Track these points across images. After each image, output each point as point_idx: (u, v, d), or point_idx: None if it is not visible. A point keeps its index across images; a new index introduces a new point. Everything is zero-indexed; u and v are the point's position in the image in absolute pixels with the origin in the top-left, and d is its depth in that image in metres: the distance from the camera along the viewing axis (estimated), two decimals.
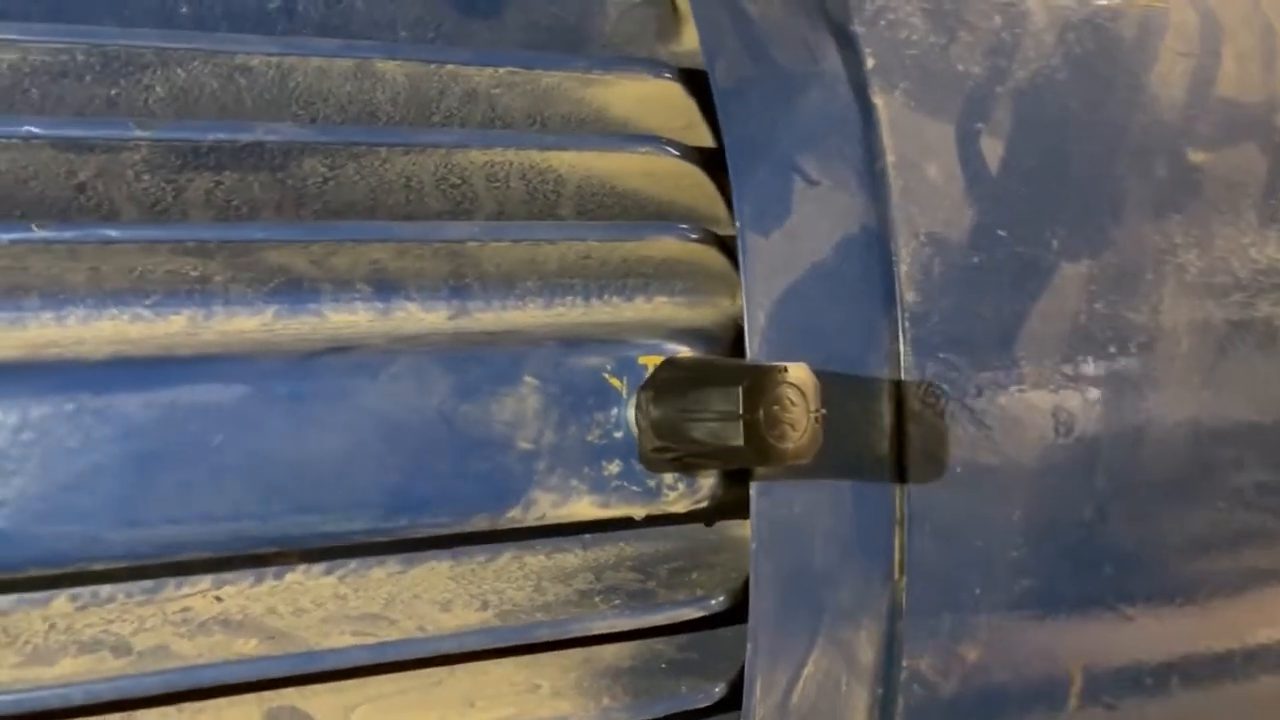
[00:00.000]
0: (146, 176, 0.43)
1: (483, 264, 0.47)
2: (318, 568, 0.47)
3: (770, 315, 0.47)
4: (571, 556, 0.50)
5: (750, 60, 0.50)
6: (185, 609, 0.45)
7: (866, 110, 0.51)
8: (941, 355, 0.50)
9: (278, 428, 0.41)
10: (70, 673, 0.40)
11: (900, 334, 0.50)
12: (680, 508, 0.47)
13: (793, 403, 0.36)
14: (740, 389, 0.36)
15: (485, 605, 0.46)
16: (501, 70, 0.47)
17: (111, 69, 0.43)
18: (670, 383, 0.41)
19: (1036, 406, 0.52)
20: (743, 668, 0.48)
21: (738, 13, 0.52)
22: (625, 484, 0.45)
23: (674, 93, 0.50)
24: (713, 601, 0.48)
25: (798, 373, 0.36)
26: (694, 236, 0.48)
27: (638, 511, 0.46)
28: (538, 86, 0.48)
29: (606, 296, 0.49)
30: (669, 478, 0.46)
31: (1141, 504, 0.54)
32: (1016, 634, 0.53)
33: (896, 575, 0.50)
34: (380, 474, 0.42)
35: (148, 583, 0.45)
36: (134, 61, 0.43)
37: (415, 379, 0.42)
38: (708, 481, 0.47)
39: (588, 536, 0.51)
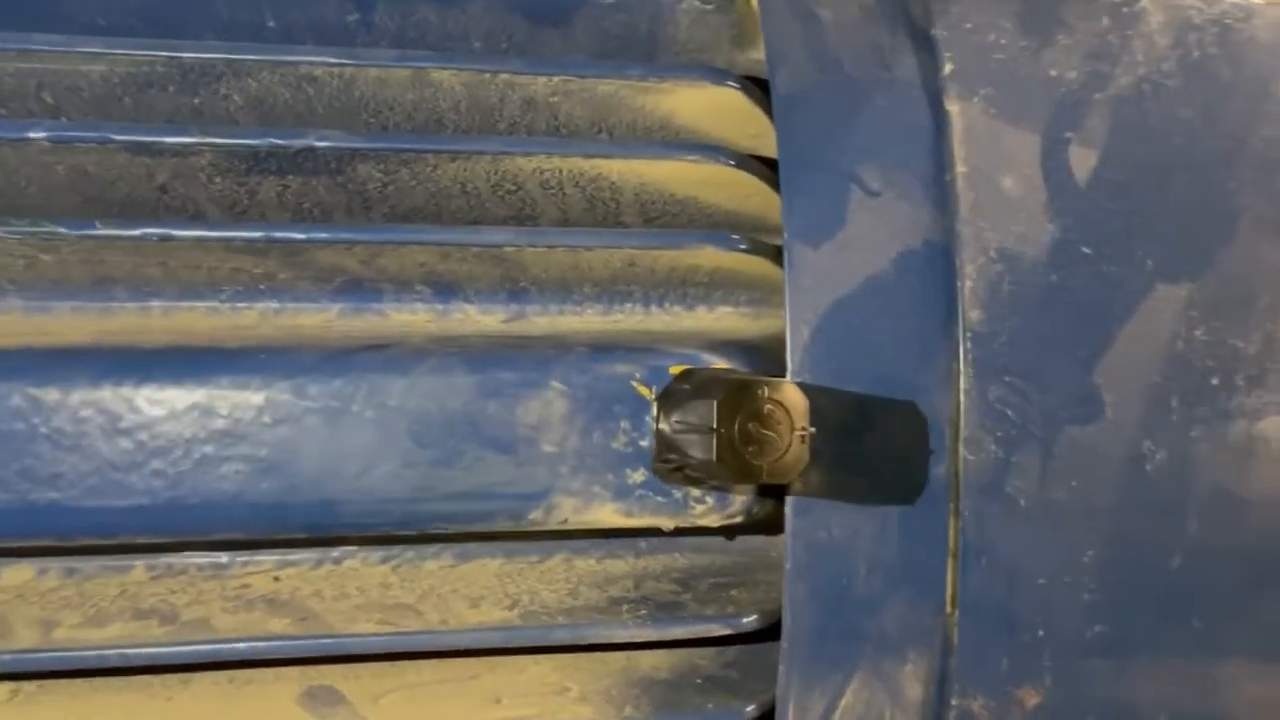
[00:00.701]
0: (218, 179, 0.47)
1: (530, 269, 0.48)
2: (375, 555, 0.49)
3: (814, 330, 0.46)
4: (621, 563, 0.50)
5: (815, 68, 0.49)
6: (245, 585, 0.48)
7: (939, 118, 0.49)
8: (1007, 379, 0.47)
9: (309, 419, 0.43)
10: (115, 637, 0.43)
11: (961, 355, 0.47)
12: (710, 522, 0.46)
13: (775, 420, 0.35)
14: (715, 402, 0.35)
15: (514, 604, 0.47)
16: (556, 78, 0.48)
17: (190, 80, 0.46)
18: (675, 394, 0.40)
19: (1117, 439, 0.48)
20: None
21: (810, 19, 0.50)
22: (650, 494, 0.45)
23: (738, 101, 0.49)
24: (743, 620, 0.47)
25: (783, 388, 0.35)
26: (742, 247, 0.47)
27: (665, 523, 0.46)
28: (595, 94, 0.49)
29: (665, 304, 0.49)
30: (695, 491, 0.45)
31: (1242, 555, 0.49)
32: (1087, 683, 0.49)
33: (949, 609, 0.48)
34: (405, 468, 0.44)
35: (221, 558, 0.48)
36: (209, 72, 0.46)
37: (443, 378, 0.44)
38: (741, 497, 0.46)
39: (643, 544, 0.51)
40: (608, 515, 0.45)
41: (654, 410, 0.43)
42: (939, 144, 0.48)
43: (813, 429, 0.37)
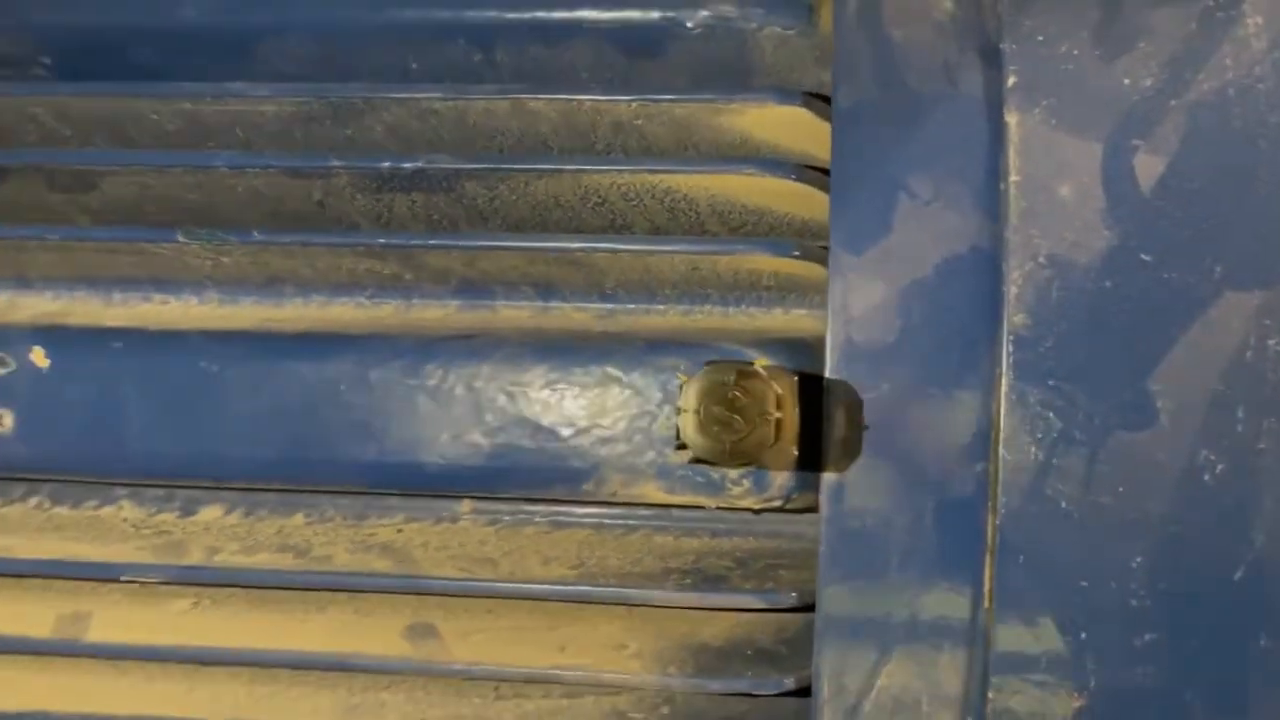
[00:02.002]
0: (359, 197, 0.56)
1: (610, 273, 0.54)
2: (484, 518, 0.58)
3: (853, 330, 0.49)
4: (693, 541, 0.56)
5: (877, 84, 0.52)
6: (372, 534, 0.58)
7: (997, 129, 0.50)
8: (1052, 383, 0.48)
9: (402, 394, 0.51)
10: (256, 563, 0.54)
11: (1004, 357, 0.49)
12: (749, 504, 0.50)
13: (741, 404, 0.39)
14: (683, 384, 0.40)
15: (579, 566, 0.53)
16: (635, 103, 0.54)
17: (341, 115, 0.56)
18: (685, 383, 0.45)
19: (1173, 447, 0.47)
20: None
21: (879, 38, 0.53)
22: (690, 474, 0.50)
23: (807, 117, 0.53)
24: (779, 596, 0.50)
25: (756, 376, 0.39)
26: (795, 253, 0.51)
27: (706, 501, 0.51)
28: (673, 116, 0.54)
29: (726, 305, 0.54)
30: (733, 473, 0.50)
31: None
32: (1135, 691, 0.48)
33: (986, 604, 0.49)
34: (484, 437, 0.51)
35: (363, 510, 0.58)
36: (354, 108, 0.56)
37: (514, 364, 0.51)
38: (778, 481, 0.50)
39: (720, 526, 0.56)
40: (651, 492, 0.50)
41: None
42: (994, 154, 0.50)
43: (780, 414, 0.40)
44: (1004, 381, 0.49)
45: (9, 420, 0.54)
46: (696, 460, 0.43)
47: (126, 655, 0.56)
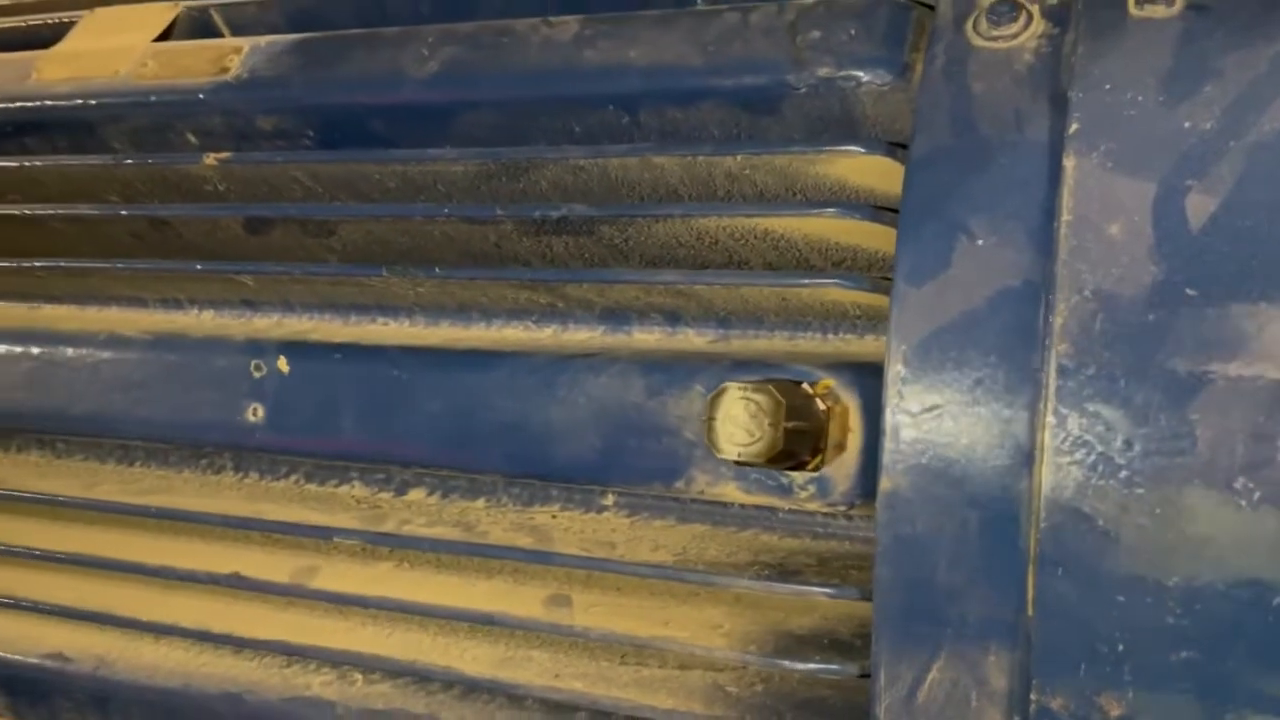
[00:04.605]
0: (524, 239, 0.69)
1: (716, 303, 0.63)
2: (624, 510, 0.68)
3: (910, 356, 0.55)
4: (791, 541, 0.63)
5: (950, 132, 0.57)
6: (530, 517, 0.69)
7: (1055, 173, 0.54)
8: (1091, 408, 0.52)
9: (537, 401, 0.63)
10: (431, 533, 0.67)
11: (1048, 383, 0.53)
12: (814, 507, 0.57)
13: (751, 415, 0.47)
14: (708, 397, 0.48)
15: (682, 554, 0.63)
16: (740, 156, 0.62)
17: (513, 173, 0.69)
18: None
19: (1211, 474, 0.50)
20: None
21: (959, 90, 0.59)
22: (763, 478, 0.58)
23: (890, 165, 0.60)
24: (841, 590, 0.57)
25: (759, 390, 0.47)
26: (866, 286, 0.58)
27: (778, 503, 0.58)
28: (775, 166, 0.62)
29: (808, 330, 0.62)
30: (799, 478, 0.57)
31: None
32: (1175, 704, 0.51)
33: (1029, 610, 0.53)
34: (597, 439, 0.61)
35: (530, 498, 0.71)
36: (520, 167, 0.68)
37: (622, 379, 0.61)
38: (841, 487, 0.57)
39: (819, 529, 0.63)
40: (731, 492, 0.59)
41: None
42: (1051, 195, 0.54)
43: (790, 424, 0.48)
44: (1048, 406, 0.53)
45: (261, 412, 0.70)
46: (740, 462, 0.51)
47: (343, 601, 0.70)
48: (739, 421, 0.49)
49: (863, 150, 0.60)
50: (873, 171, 0.61)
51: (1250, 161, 0.51)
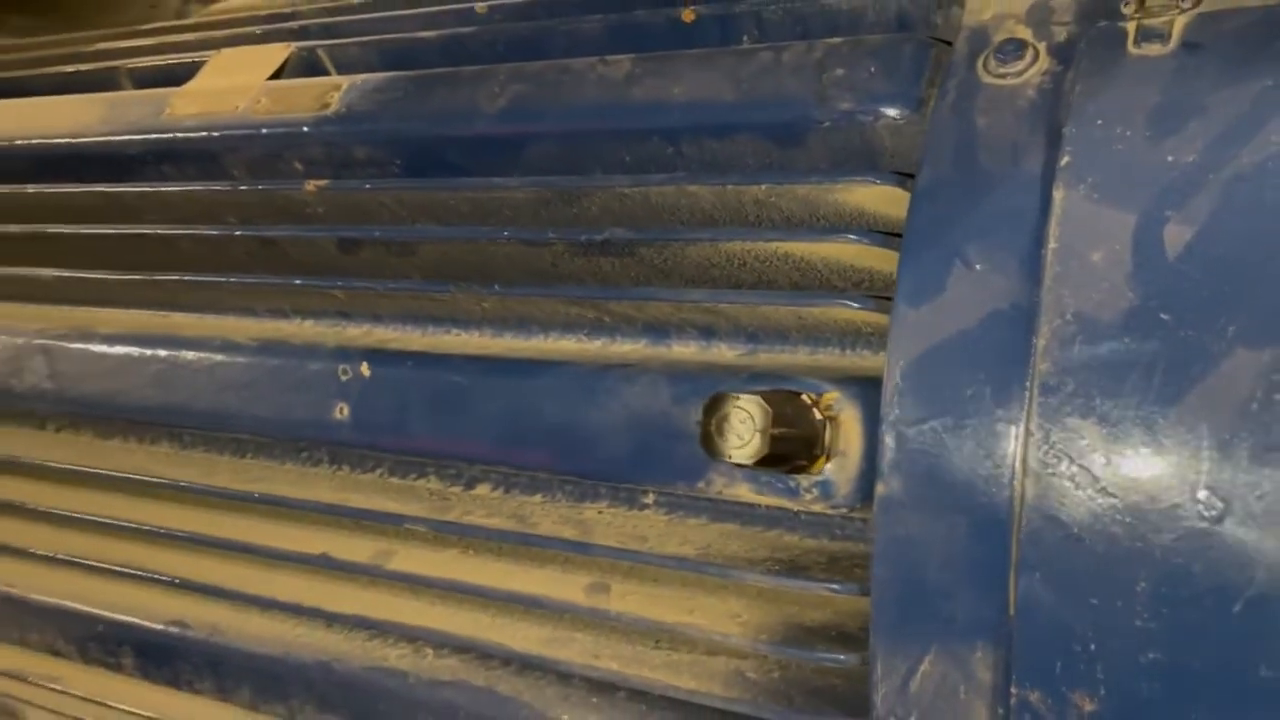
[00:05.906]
0: (577, 259, 0.76)
1: (742, 319, 0.69)
2: (663, 508, 0.74)
3: (907, 372, 0.60)
4: (807, 541, 0.69)
5: (953, 165, 0.62)
6: (579, 512, 0.76)
7: (1045, 204, 0.58)
8: (1069, 422, 0.56)
9: (577, 407, 0.70)
10: (487, 523, 0.74)
11: (1029, 399, 0.57)
12: (819, 508, 0.63)
13: (741, 422, 0.53)
14: (702, 403, 0.54)
15: (705, 549, 0.68)
16: (763, 185, 0.68)
17: (565, 200, 0.76)
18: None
19: (1177, 487, 0.53)
20: None
21: (965, 123, 0.63)
22: (772, 480, 0.63)
23: (901, 194, 0.64)
24: (843, 586, 0.62)
25: (749, 399, 0.53)
26: (869, 306, 0.63)
27: (788, 504, 0.63)
28: (797, 194, 0.68)
29: (819, 346, 0.67)
30: (805, 480, 0.62)
31: None
32: (1143, 703, 0.54)
33: (1011, 611, 0.57)
34: (629, 441, 0.68)
35: (581, 495, 0.78)
36: (572, 194, 0.75)
37: (649, 387, 0.67)
38: (843, 491, 0.62)
39: (837, 531, 0.68)
40: (745, 493, 0.64)
41: None
42: (1040, 225, 0.58)
43: (776, 430, 0.53)
44: (1029, 420, 0.57)
45: (346, 411, 0.79)
46: (735, 464, 0.57)
47: (415, 582, 0.79)
48: (731, 427, 0.54)
49: (875, 180, 0.65)
50: (886, 200, 0.66)
51: (1226, 193, 0.54)
